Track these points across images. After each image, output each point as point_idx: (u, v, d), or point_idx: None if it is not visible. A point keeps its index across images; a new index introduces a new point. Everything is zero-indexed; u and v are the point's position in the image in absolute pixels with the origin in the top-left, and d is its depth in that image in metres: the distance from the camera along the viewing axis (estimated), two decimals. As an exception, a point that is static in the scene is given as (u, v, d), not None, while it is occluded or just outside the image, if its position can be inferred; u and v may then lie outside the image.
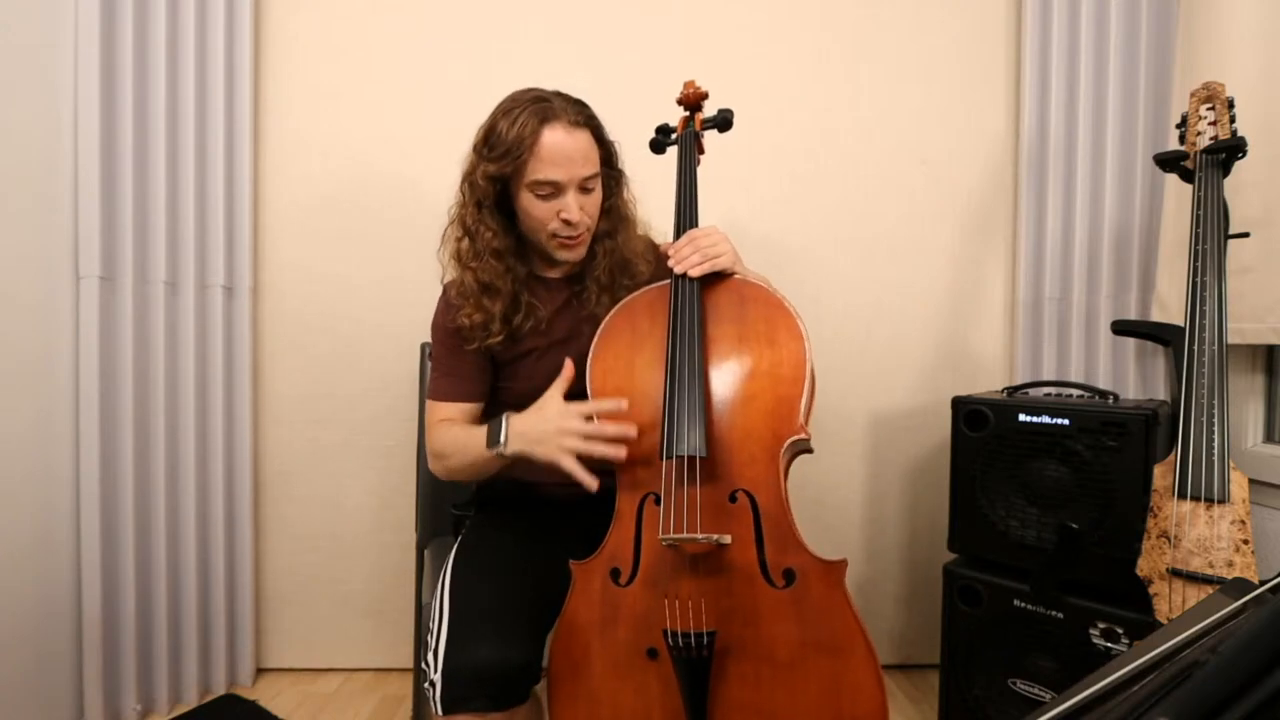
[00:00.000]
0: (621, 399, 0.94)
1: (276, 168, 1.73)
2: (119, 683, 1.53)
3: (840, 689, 0.87)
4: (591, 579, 0.94)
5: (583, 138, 1.05)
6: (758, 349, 0.98)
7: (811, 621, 0.88)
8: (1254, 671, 0.27)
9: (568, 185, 1.03)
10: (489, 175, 1.04)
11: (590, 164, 1.06)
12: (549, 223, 1.05)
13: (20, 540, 1.40)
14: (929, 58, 1.82)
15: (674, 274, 1.02)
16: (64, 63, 1.46)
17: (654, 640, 0.90)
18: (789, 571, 0.89)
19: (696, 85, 1.19)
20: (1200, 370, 1.11)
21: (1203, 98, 1.22)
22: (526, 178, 1.03)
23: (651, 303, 1.05)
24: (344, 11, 1.73)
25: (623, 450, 0.91)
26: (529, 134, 1.00)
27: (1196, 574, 1.05)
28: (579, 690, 0.92)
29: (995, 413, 1.37)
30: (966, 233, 1.85)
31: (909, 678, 1.82)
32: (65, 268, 1.47)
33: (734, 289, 1.03)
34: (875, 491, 1.88)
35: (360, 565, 1.80)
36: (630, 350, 1.02)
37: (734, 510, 0.92)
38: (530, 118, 1.01)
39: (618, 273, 1.14)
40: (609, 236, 1.14)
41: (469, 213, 1.08)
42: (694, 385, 0.94)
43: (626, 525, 0.95)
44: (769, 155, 1.80)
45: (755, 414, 0.95)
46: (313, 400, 1.76)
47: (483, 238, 1.07)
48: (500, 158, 1.02)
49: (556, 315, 1.14)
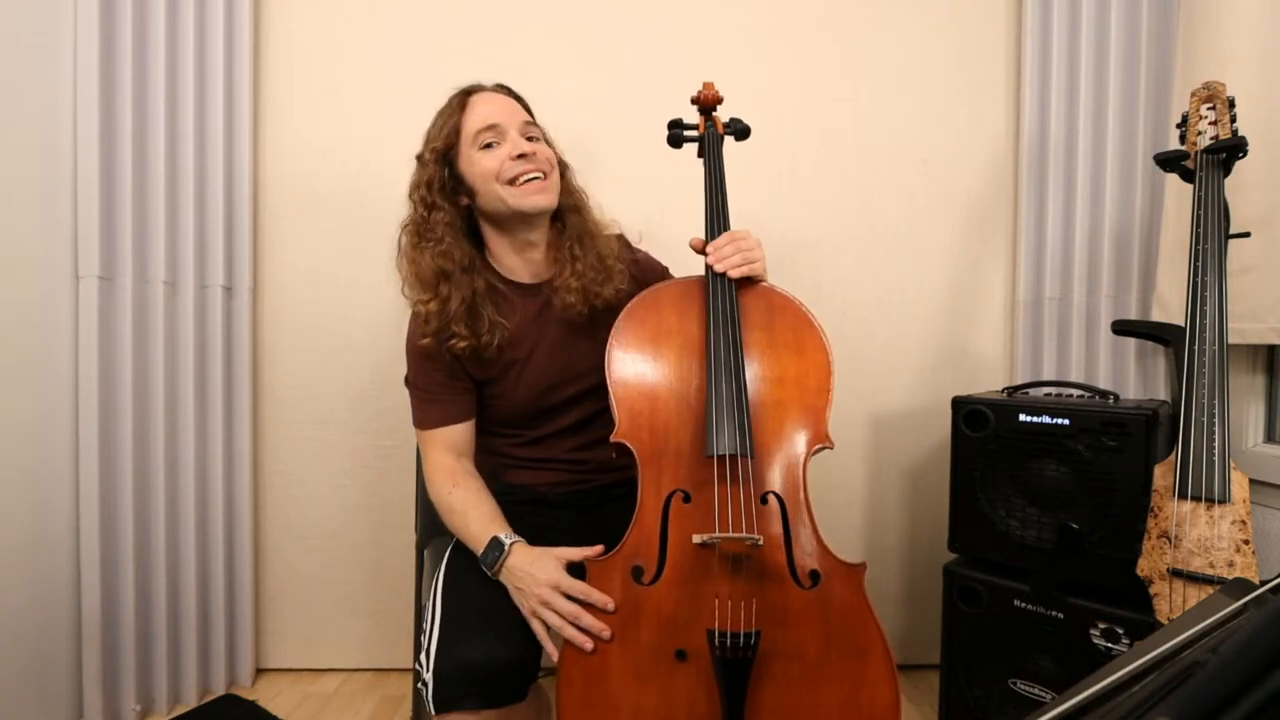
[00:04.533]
0: (610, 600, 0.88)
1: (276, 168, 1.73)
2: (118, 683, 1.53)
3: (860, 688, 0.89)
4: (610, 577, 0.90)
5: (510, 100, 1.11)
6: (787, 357, 1.00)
7: (836, 622, 0.90)
8: (1254, 672, 0.26)
9: (509, 126, 1.05)
10: (436, 152, 1.07)
11: (525, 115, 1.10)
12: (503, 168, 1.03)
13: (19, 540, 1.40)
14: (929, 57, 1.82)
15: (711, 271, 1.02)
16: (64, 63, 1.46)
17: (684, 641, 0.88)
18: (814, 573, 0.92)
19: (715, 88, 1.19)
20: (1201, 370, 1.11)
21: (1203, 97, 1.22)
22: (465, 137, 1.06)
23: (678, 297, 1.03)
24: (344, 11, 1.73)
25: (589, 642, 0.87)
26: (456, 104, 1.08)
27: (1197, 574, 1.05)
28: (593, 697, 0.87)
29: (995, 413, 1.37)
30: (966, 233, 1.85)
31: (909, 678, 1.82)
32: (65, 267, 1.47)
33: (763, 296, 1.04)
34: (875, 491, 1.87)
35: (360, 565, 1.80)
36: (655, 343, 1.00)
37: (765, 512, 0.93)
38: (456, 96, 1.10)
39: (586, 243, 1.11)
40: (573, 212, 1.15)
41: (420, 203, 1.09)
42: (738, 385, 0.94)
43: (651, 522, 0.92)
44: (769, 155, 1.80)
45: (786, 420, 0.97)
46: (313, 400, 1.76)
47: (435, 219, 1.07)
48: (436, 137, 1.07)
49: (530, 324, 1.11)
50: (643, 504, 0.93)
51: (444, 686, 0.84)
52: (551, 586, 0.89)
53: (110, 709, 1.52)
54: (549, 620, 0.88)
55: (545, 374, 1.12)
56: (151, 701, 1.58)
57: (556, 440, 1.16)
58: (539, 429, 1.16)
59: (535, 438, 1.16)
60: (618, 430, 0.96)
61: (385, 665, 1.82)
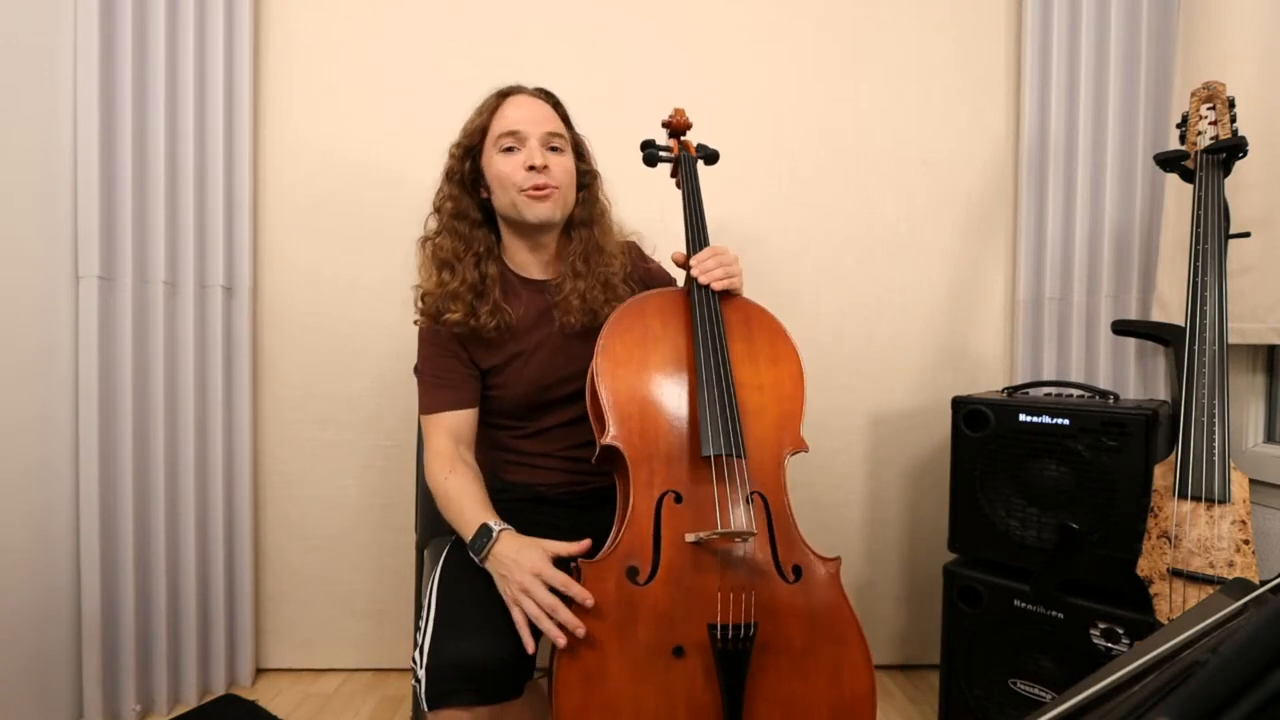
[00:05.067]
0: (589, 596, 0.88)
1: (276, 168, 1.73)
2: (118, 683, 1.53)
3: (841, 673, 0.94)
4: (605, 579, 0.91)
5: (543, 105, 1.14)
6: (765, 366, 1.06)
7: (818, 613, 0.95)
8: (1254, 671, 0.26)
9: (530, 135, 1.08)
10: (461, 147, 1.12)
11: (554, 124, 1.12)
12: (515, 175, 1.08)
13: (19, 540, 1.40)
14: (929, 58, 1.82)
15: (696, 283, 1.06)
16: (64, 63, 1.46)
17: (682, 638, 0.90)
18: (797, 567, 0.97)
19: (685, 115, 1.26)
20: (1201, 370, 1.11)
21: (1203, 97, 1.22)
22: (490, 138, 1.10)
23: (662, 306, 1.07)
24: (344, 11, 1.73)
25: (563, 637, 0.85)
26: (491, 104, 1.12)
27: (1197, 574, 1.05)
28: (593, 700, 0.87)
29: (995, 413, 1.37)
30: (966, 233, 1.85)
31: (909, 678, 1.82)
32: (65, 268, 1.47)
33: (740, 308, 1.10)
34: (875, 491, 1.87)
35: (360, 565, 1.80)
36: (642, 348, 1.03)
37: (751, 511, 0.97)
38: (493, 97, 1.13)
39: (593, 261, 1.15)
40: (585, 225, 1.18)
41: (440, 192, 1.15)
42: (728, 389, 0.99)
43: (643, 523, 0.94)
44: (769, 155, 1.80)
45: (767, 424, 1.03)
46: (313, 400, 1.76)
47: (446, 208, 1.13)
48: (467, 132, 1.12)
49: (539, 320, 1.15)
50: (634, 506, 0.95)
51: (437, 682, 0.84)
52: (534, 574, 0.89)
53: (110, 709, 1.52)
54: (527, 609, 0.88)
55: (548, 368, 1.15)
56: (151, 701, 1.58)
57: (555, 434, 1.19)
58: (539, 421, 1.18)
59: (535, 430, 1.19)
60: (610, 434, 0.97)
61: (385, 665, 1.82)
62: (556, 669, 0.87)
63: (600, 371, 1.00)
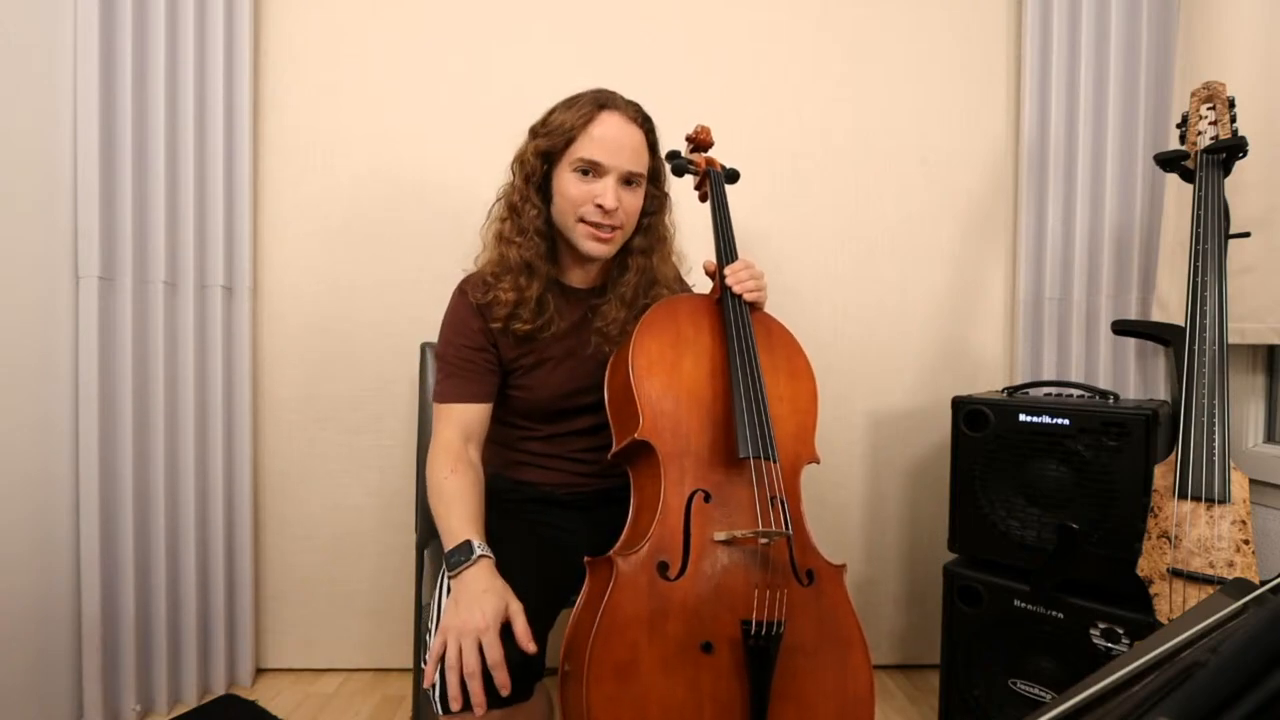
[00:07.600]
0: (507, 685, 0.83)
1: (276, 167, 1.73)
2: (118, 683, 1.53)
3: (845, 673, 0.98)
4: (637, 573, 0.92)
5: (636, 134, 1.09)
6: (784, 379, 1.10)
7: (826, 615, 0.99)
8: (1254, 671, 0.26)
9: (610, 170, 1.05)
10: (539, 150, 1.08)
11: (638, 160, 1.08)
12: (583, 205, 1.06)
13: (19, 540, 1.40)
14: (929, 58, 1.82)
15: (729, 291, 1.08)
16: (64, 63, 1.45)
17: (710, 633, 0.91)
18: (810, 571, 1.00)
19: (709, 132, 1.27)
20: (1201, 370, 1.11)
21: (1203, 97, 1.22)
22: (571, 154, 1.06)
23: (693, 311, 1.09)
24: (344, 11, 1.73)
25: (460, 699, 0.82)
26: (585, 114, 1.05)
27: (1197, 574, 1.05)
28: (624, 694, 0.87)
29: (995, 413, 1.37)
30: (966, 233, 1.85)
31: (909, 678, 1.82)
32: (65, 268, 1.47)
33: (762, 321, 1.14)
34: (875, 491, 1.87)
35: (360, 565, 1.80)
36: (675, 350, 1.05)
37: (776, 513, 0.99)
38: (590, 104, 1.07)
39: (643, 293, 1.15)
40: (644, 254, 1.16)
41: (517, 190, 1.11)
42: (761, 394, 1.02)
43: (674, 519, 0.96)
44: (769, 154, 1.80)
45: (787, 434, 1.07)
46: (313, 400, 1.76)
47: (527, 215, 1.09)
48: (552, 133, 1.06)
49: (573, 329, 1.14)
50: (666, 501, 0.97)
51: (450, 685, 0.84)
52: (481, 629, 0.84)
53: (110, 709, 1.52)
54: (449, 655, 0.84)
55: (575, 376, 1.14)
56: (151, 701, 1.58)
57: (569, 439, 1.18)
58: (557, 425, 1.18)
59: (551, 434, 1.18)
60: (641, 428, 0.98)
61: (385, 665, 1.82)
62: (590, 662, 0.88)
63: (635, 368, 1.01)
